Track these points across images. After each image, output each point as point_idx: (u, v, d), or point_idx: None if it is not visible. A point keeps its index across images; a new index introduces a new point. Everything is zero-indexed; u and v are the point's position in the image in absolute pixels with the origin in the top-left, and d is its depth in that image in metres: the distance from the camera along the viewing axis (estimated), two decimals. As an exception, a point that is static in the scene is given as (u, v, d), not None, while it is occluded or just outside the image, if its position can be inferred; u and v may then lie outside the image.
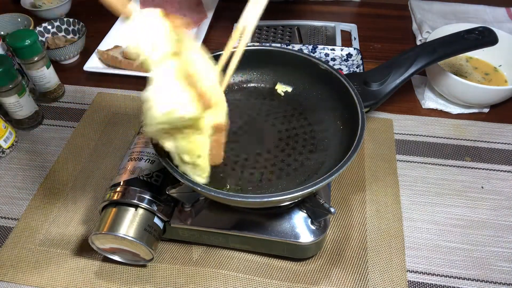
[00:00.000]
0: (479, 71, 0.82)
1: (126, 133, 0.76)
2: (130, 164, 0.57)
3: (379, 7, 1.07)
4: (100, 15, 1.07)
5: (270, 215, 0.54)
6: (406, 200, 0.65)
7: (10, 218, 0.64)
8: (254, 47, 0.62)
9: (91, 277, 0.57)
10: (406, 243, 0.60)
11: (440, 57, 0.60)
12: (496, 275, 0.56)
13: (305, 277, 0.56)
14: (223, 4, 1.06)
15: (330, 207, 0.49)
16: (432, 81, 0.79)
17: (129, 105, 0.82)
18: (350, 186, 0.66)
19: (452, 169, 0.69)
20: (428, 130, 0.75)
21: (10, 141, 0.73)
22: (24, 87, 0.74)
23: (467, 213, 0.63)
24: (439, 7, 1.02)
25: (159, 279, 0.57)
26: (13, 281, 0.57)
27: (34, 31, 0.74)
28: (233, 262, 0.58)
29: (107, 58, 0.87)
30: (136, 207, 0.54)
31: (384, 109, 0.79)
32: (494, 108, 0.79)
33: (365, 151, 0.71)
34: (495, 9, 1.02)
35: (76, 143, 0.75)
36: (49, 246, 0.61)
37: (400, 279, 0.56)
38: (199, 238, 0.57)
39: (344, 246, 0.59)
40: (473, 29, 0.63)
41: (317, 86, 0.61)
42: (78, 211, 0.65)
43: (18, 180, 0.70)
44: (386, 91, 0.58)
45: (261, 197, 0.44)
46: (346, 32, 0.98)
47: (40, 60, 0.76)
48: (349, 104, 0.54)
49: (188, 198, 0.54)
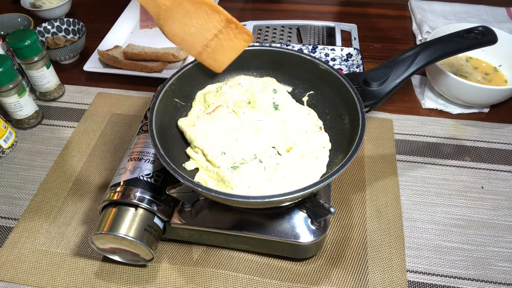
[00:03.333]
0: (479, 71, 0.82)
1: (126, 133, 0.76)
2: (130, 164, 0.57)
3: (379, 7, 1.07)
4: (100, 15, 1.07)
5: (270, 215, 0.54)
6: (406, 200, 0.65)
7: (10, 218, 0.64)
8: (254, 47, 0.62)
9: (91, 277, 0.57)
10: (406, 243, 0.60)
11: (440, 57, 0.60)
12: (496, 275, 0.56)
13: (305, 277, 0.56)
14: (223, 4, 1.05)
15: (330, 207, 0.49)
16: (432, 81, 0.79)
17: (129, 105, 0.82)
18: (350, 186, 0.66)
19: (452, 169, 0.69)
20: (428, 130, 0.75)
21: (10, 141, 0.73)
22: (24, 87, 0.74)
23: (467, 213, 0.63)
24: (439, 7, 1.02)
25: (159, 279, 0.57)
26: (13, 281, 0.57)
27: (34, 31, 0.74)
28: (233, 262, 0.58)
29: (107, 58, 0.87)
30: (136, 207, 0.54)
31: (384, 109, 0.79)
32: (494, 108, 0.79)
33: (365, 151, 0.71)
34: (495, 9, 1.02)
35: (76, 143, 0.75)
36: (49, 246, 0.61)
37: (400, 279, 0.56)
38: (199, 238, 0.57)
39: (344, 246, 0.59)
40: (472, 28, 0.63)
41: (317, 86, 0.61)
42: (78, 211, 0.65)
43: (18, 180, 0.70)
44: (386, 91, 0.58)
45: (262, 198, 0.44)
46: (346, 32, 0.98)
47: (40, 60, 0.76)
48: (349, 104, 0.54)
49: (188, 198, 0.54)
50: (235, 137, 0.55)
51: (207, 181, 0.52)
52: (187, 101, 0.61)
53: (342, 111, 0.56)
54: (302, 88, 0.62)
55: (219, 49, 0.48)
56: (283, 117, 0.57)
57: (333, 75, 0.57)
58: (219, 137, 0.54)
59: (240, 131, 0.56)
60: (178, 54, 0.87)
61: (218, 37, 0.48)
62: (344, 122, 0.56)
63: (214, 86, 0.62)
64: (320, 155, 0.53)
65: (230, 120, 0.57)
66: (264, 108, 0.57)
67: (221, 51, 0.49)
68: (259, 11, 1.05)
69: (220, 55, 0.50)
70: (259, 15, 1.03)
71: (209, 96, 0.60)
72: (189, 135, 0.55)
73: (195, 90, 0.62)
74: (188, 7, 0.45)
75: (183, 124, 0.56)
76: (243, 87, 0.60)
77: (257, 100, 0.58)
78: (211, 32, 0.47)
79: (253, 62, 0.63)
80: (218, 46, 0.48)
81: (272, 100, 0.58)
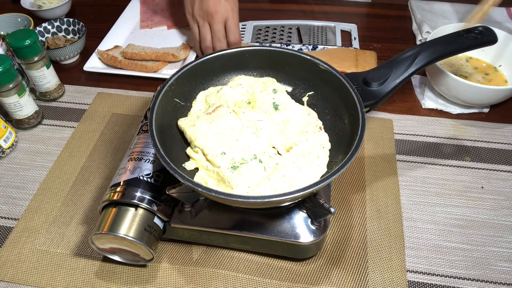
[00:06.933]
0: (479, 71, 0.82)
1: (126, 133, 0.76)
2: (130, 164, 0.57)
3: (379, 7, 1.07)
4: (100, 15, 1.07)
5: (270, 215, 0.54)
6: (406, 200, 0.65)
7: (10, 218, 0.64)
8: (254, 47, 0.62)
9: (91, 277, 0.57)
10: (406, 243, 0.60)
11: (440, 57, 0.60)
12: (496, 275, 0.56)
13: (305, 277, 0.56)
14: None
15: (330, 207, 0.49)
16: (432, 81, 0.79)
17: (129, 105, 0.82)
18: (350, 186, 0.66)
19: (452, 169, 0.69)
20: (428, 130, 0.75)
21: (10, 141, 0.73)
22: (24, 87, 0.74)
23: (467, 213, 0.63)
24: (439, 7, 1.02)
25: (159, 279, 0.57)
26: (13, 281, 0.57)
27: (34, 31, 0.74)
28: (233, 262, 0.58)
29: (107, 58, 0.87)
30: (136, 207, 0.54)
31: (384, 109, 0.79)
32: (494, 108, 0.79)
33: (365, 151, 0.71)
34: (495, 9, 1.02)
35: (76, 143, 0.75)
36: (49, 246, 0.61)
37: (400, 279, 0.56)
38: (199, 238, 0.57)
39: (344, 246, 0.59)
40: (472, 28, 0.63)
41: (317, 86, 0.61)
42: (78, 211, 0.65)
43: (18, 180, 0.70)
44: (386, 91, 0.58)
45: (262, 198, 0.44)
46: (346, 32, 0.98)
47: (40, 60, 0.76)
48: (349, 104, 0.54)
49: (188, 198, 0.54)
50: (235, 137, 0.55)
51: (207, 181, 0.52)
52: (187, 101, 0.61)
53: (342, 111, 0.56)
54: (302, 88, 0.62)
55: None
56: (283, 117, 0.57)
57: (333, 75, 0.57)
58: (219, 137, 0.54)
59: (240, 131, 0.56)
60: (178, 54, 0.87)
61: None
62: (344, 122, 0.56)
63: (216, 88, 0.62)
64: (320, 155, 0.53)
65: (230, 120, 0.57)
66: (264, 108, 0.58)
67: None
68: (259, 11, 1.05)
69: None
70: (259, 15, 1.03)
71: (210, 98, 0.60)
72: (189, 135, 0.55)
73: (195, 90, 0.62)
74: None
75: (183, 124, 0.56)
76: (243, 88, 0.60)
77: (257, 100, 0.58)
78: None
79: (253, 62, 0.63)
80: None
81: (272, 100, 0.58)
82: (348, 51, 0.89)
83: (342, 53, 0.88)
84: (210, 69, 0.62)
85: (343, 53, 0.88)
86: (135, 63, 0.86)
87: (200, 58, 0.60)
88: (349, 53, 0.88)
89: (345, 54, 0.88)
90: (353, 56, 0.87)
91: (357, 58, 0.86)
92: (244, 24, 0.99)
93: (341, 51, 0.89)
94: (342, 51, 0.89)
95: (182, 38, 0.96)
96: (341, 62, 0.85)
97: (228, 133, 0.55)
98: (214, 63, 0.62)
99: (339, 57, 0.87)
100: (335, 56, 0.87)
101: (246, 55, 0.62)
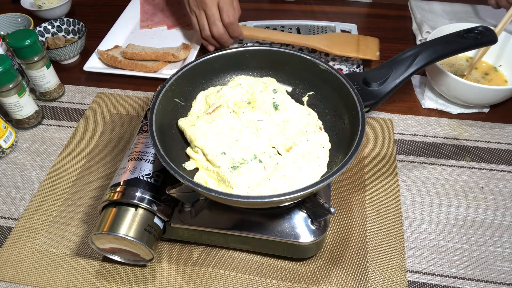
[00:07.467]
0: (479, 71, 0.82)
1: (126, 133, 0.76)
2: (130, 164, 0.57)
3: (379, 7, 1.07)
4: (100, 15, 1.07)
5: (270, 215, 0.54)
6: (406, 200, 0.65)
7: (10, 218, 0.64)
8: (254, 48, 0.62)
9: (91, 277, 0.57)
10: (406, 243, 0.60)
11: (440, 57, 0.60)
12: (496, 275, 0.56)
13: (305, 277, 0.56)
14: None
15: (330, 207, 0.49)
16: (432, 81, 0.79)
17: (129, 105, 0.82)
18: (350, 186, 0.66)
19: (452, 169, 0.69)
20: (428, 130, 0.75)
21: (10, 141, 0.73)
22: (24, 87, 0.74)
23: (467, 213, 0.63)
24: (439, 7, 1.02)
25: (159, 279, 0.57)
26: (13, 281, 0.57)
27: (34, 31, 0.74)
28: (233, 262, 0.58)
29: (107, 58, 0.87)
30: (136, 207, 0.54)
31: (384, 109, 0.79)
32: (494, 108, 0.79)
33: (365, 151, 0.71)
34: (494, 10, 1.01)
35: (76, 143, 0.75)
36: (49, 246, 0.61)
37: (400, 279, 0.56)
38: (199, 238, 0.57)
39: (344, 246, 0.59)
40: (472, 28, 0.63)
41: (317, 86, 0.61)
42: (78, 211, 0.65)
43: (18, 180, 0.70)
44: (386, 91, 0.58)
45: (262, 198, 0.44)
46: (346, 32, 0.98)
47: (40, 60, 0.76)
48: (349, 104, 0.54)
49: (188, 198, 0.54)
50: (235, 137, 0.55)
51: (207, 181, 0.52)
52: (187, 101, 0.61)
53: (342, 111, 0.56)
54: (302, 88, 0.62)
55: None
56: (283, 117, 0.57)
57: (333, 75, 0.57)
58: (219, 137, 0.54)
59: (240, 131, 0.56)
60: (178, 54, 0.87)
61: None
62: (344, 122, 0.56)
63: (216, 88, 0.62)
64: (320, 155, 0.53)
65: (230, 120, 0.57)
66: (264, 108, 0.58)
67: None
68: (259, 11, 1.05)
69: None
70: (259, 15, 1.03)
71: (210, 98, 0.60)
72: (189, 135, 0.55)
73: (195, 90, 0.62)
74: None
75: (183, 124, 0.56)
76: (243, 88, 0.60)
77: (257, 100, 0.58)
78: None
79: (253, 62, 0.63)
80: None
81: (272, 100, 0.58)
82: (350, 36, 0.89)
83: (344, 38, 0.88)
84: (210, 69, 0.62)
85: (345, 37, 0.88)
86: (135, 63, 0.86)
87: (200, 58, 0.60)
88: (351, 38, 0.88)
89: (347, 38, 0.87)
90: (355, 41, 0.86)
91: (358, 43, 0.86)
92: (244, 24, 0.99)
93: (343, 35, 0.89)
94: (344, 36, 0.88)
95: (182, 38, 0.96)
96: (342, 47, 0.84)
97: (228, 133, 0.55)
98: (214, 63, 0.62)
99: (341, 41, 0.86)
100: (337, 40, 0.86)
101: (246, 55, 0.62)
